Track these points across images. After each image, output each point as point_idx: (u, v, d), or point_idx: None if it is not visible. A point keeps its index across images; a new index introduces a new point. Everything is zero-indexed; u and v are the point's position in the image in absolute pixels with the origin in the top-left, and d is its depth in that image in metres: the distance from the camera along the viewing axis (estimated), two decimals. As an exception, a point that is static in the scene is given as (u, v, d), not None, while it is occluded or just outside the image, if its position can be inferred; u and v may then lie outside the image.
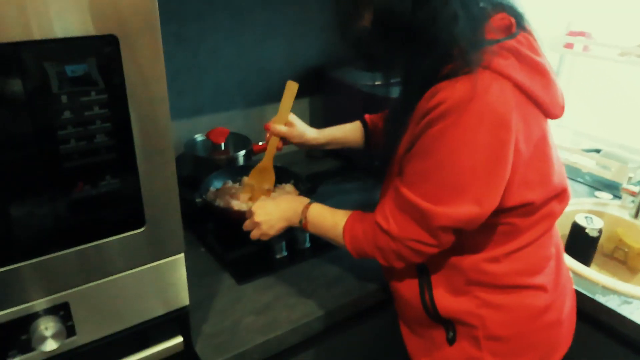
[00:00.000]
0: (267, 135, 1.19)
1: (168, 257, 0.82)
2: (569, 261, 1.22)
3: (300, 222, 1.00)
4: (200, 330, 0.97)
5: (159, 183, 0.77)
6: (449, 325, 0.93)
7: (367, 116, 1.25)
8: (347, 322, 1.10)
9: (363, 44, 0.88)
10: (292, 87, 1.18)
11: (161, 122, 0.74)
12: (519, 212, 0.86)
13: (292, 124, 1.18)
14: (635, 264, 1.39)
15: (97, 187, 0.72)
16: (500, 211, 0.83)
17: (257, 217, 1.03)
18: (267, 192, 1.27)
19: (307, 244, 1.23)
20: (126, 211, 0.76)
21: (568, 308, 0.98)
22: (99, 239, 0.75)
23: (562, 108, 0.88)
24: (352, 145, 1.25)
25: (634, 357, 1.08)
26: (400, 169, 0.87)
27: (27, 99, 0.63)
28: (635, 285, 1.13)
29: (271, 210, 1.03)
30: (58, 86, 0.64)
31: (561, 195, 0.91)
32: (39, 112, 0.64)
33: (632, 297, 1.11)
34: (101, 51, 0.66)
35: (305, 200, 1.03)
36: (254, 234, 1.05)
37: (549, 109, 0.84)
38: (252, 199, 1.27)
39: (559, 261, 0.98)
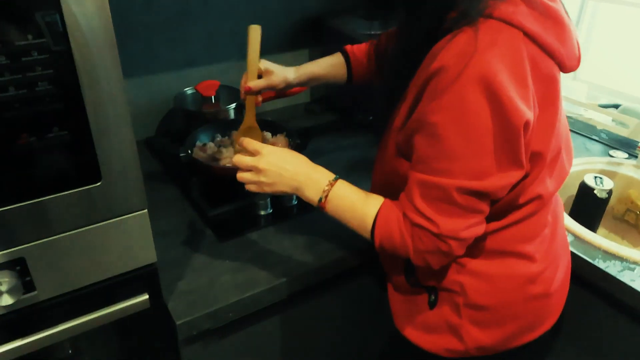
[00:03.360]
0: (242, 94, 1.08)
1: (129, 213, 0.79)
2: (571, 224, 1.15)
3: (320, 200, 0.85)
4: (175, 287, 0.96)
5: (113, 136, 0.72)
6: (431, 290, 0.89)
7: (348, 47, 1.15)
8: (328, 283, 1.07)
9: None
10: (255, 32, 1.07)
11: (111, 70, 0.69)
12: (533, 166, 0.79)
13: (270, 71, 1.08)
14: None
15: (44, 139, 0.68)
16: None
17: (263, 164, 0.86)
18: None
19: (294, 201, 1.19)
20: (80, 165, 0.72)
21: (560, 279, 0.92)
22: (53, 193, 0.72)
23: (578, 59, 0.80)
24: (334, 81, 1.15)
25: (634, 326, 1.02)
26: (401, 143, 0.80)
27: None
28: (639, 250, 1.06)
29: (284, 165, 0.86)
30: (-12, 29, 0.59)
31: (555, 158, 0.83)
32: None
33: (635, 262, 1.04)
34: (34, -10, 0.60)
35: (330, 175, 0.87)
36: (248, 181, 0.88)
37: (564, 61, 0.76)
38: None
39: (554, 228, 0.91)
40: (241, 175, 0.89)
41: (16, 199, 0.70)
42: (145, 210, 0.81)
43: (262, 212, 1.16)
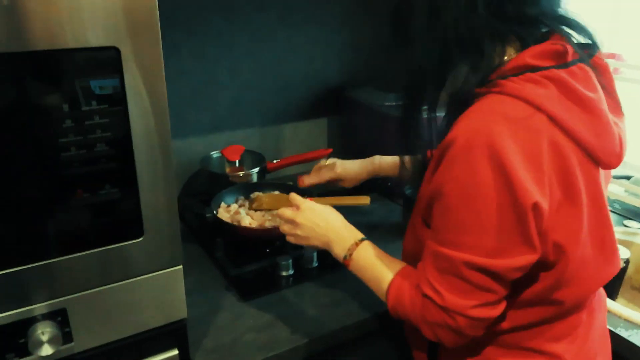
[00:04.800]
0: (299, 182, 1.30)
1: (166, 268, 0.83)
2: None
3: (345, 257, 0.90)
4: (200, 345, 0.97)
5: (158, 194, 0.78)
6: None
7: None
8: (349, 345, 1.07)
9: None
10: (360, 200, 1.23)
11: (162, 134, 0.75)
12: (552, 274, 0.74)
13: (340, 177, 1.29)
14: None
15: (96, 195, 0.73)
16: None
17: (300, 218, 0.94)
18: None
19: (315, 263, 1.22)
20: (125, 220, 0.77)
21: None
22: (99, 246, 0.76)
23: (618, 156, 0.74)
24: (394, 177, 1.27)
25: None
26: (423, 211, 0.80)
27: (30, 107, 0.65)
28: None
29: (319, 221, 0.93)
30: (61, 96, 0.66)
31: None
32: (41, 121, 0.66)
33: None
34: (103, 62, 0.68)
35: (358, 235, 0.92)
36: (287, 233, 0.97)
37: (598, 155, 0.72)
38: (259, 208, 1.29)
39: (590, 326, 0.85)
40: (282, 228, 0.98)
41: (65, 251, 0.74)
42: (181, 266, 0.85)
43: (284, 273, 1.18)
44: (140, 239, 0.79)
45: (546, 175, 0.68)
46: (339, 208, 1.12)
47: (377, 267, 0.86)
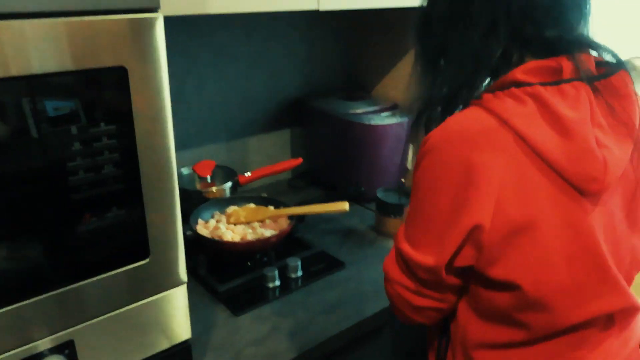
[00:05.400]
0: None
1: (171, 287, 0.81)
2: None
3: None
4: (201, 365, 0.96)
5: (162, 212, 0.77)
6: None
7: None
8: (348, 348, 1.10)
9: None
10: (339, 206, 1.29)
11: (166, 152, 0.74)
12: (512, 296, 0.71)
13: None
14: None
15: (103, 218, 0.71)
16: (487, 279, 0.72)
17: None
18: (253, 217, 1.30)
19: (299, 272, 1.23)
20: (131, 242, 0.75)
21: None
22: (106, 271, 0.74)
23: (599, 182, 0.66)
24: None
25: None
26: None
27: (38, 130, 0.63)
28: None
29: None
30: (69, 118, 0.64)
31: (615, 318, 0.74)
32: (49, 145, 0.64)
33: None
34: (110, 82, 0.66)
35: None
36: None
37: (570, 177, 0.66)
38: (237, 222, 1.29)
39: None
40: None
41: (72, 279, 0.71)
42: (185, 285, 0.84)
43: (271, 285, 1.18)
44: (147, 260, 0.77)
45: (497, 191, 0.66)
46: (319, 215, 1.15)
47: None
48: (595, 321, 0.73)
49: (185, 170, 1.49)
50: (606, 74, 0.71)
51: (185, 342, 0.87)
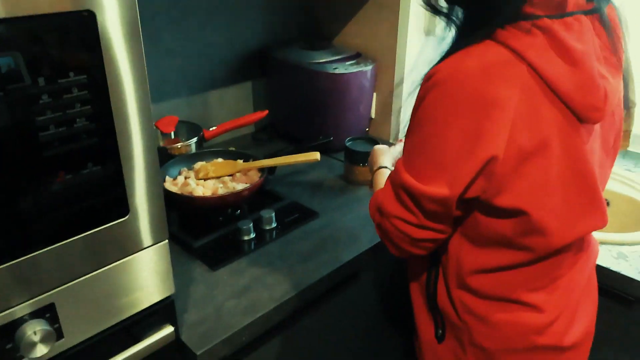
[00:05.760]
0: None
1: (153, 244, 0.79)
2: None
3: (374, 171, 1.06)
4: (184, 320, 0.95)
5: (141, 167, 0.73)
6: (439, 322, 0.91)
7: None
8: (328, 294, 1.12)
9: None
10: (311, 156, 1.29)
11: (141, 103, 0.71)
12: (516, 222, 0.75)
13: None
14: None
15: (79, 175, 0.67)
16: (491, 208, 0.75)
17: None
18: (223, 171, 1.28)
19: (274, 224, 1.22)
20: (110, 199, 0.72)
21: (578, 333, 0.87)
22: (84, 231, 0.70)
23: (600, 111, 0.72)
24: None
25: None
26: None
27: (2, 82, 0.58)
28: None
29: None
30: (35, 67, 0.59)
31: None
32: (16, 98, 0.59)
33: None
34: (77, 28, 0.61)
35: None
36: None
37: (576, 106, 0.71)
38: (207, 177, 1.27)
39: (573, 279, 0.86)
40: None
41: (50, 241, 0.68)
42: (167, 240, 0.82)
43: (246, 238, 1.18)
44: (126, 217, 0.74)
45: (511, 123, 0.69)
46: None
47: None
48: (577, 241, 0.82)
49: (147, 127, 1.43)
50: (596, 9, 0.73)
51: (169, 297, 0.86)
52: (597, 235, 1.16)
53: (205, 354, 0.89)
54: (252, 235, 1.19)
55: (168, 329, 0.85)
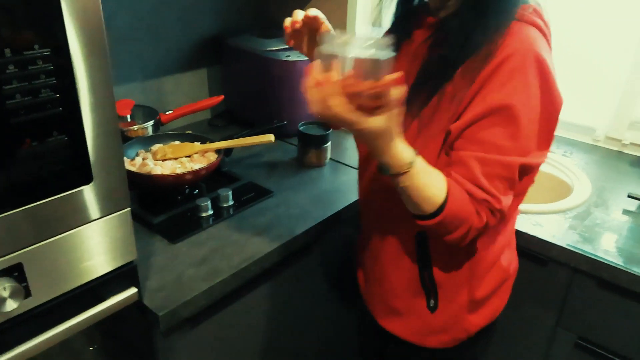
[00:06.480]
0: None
1: (116, 211, 0.85)
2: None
3: (410, 165, 0.78)
4: (146, 286, 1.00)
5: (103, 136, 0.79)
6: (431, 294, 0.98)
7: None
8: (282, 263, 1.20)
9: None
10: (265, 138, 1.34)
11: (103, 73, 0.76)
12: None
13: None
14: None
15: (44, 143, 0.72)
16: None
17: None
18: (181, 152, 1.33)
19: (231, 202, 1.29)
20: (74, 167, 0.77)
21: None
22: (49, 196, 0.75)
23: None
24: None
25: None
26: (453, 135, 0.83)
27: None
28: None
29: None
30: (1, 39, 0.64)
31: None
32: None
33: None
34: (42, 3, 0.67)
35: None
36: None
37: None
38: (164, 158, 1.32)
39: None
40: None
41: (17, 204, 0.72)
42: (129, 208, 0.87)
43: (204, 214, 1.24)
44: (90, 184, 0.80)
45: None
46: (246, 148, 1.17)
47: (433, 174, 0.82)
48: None
49: (104, 111, 1.46)
50: None
51: (131, 262, 0.91)
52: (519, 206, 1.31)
53: (166, 315, 0.95)
54: (210, 212, 1.25)
55: (131, 290, 0.91)
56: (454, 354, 1.03)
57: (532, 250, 1.26)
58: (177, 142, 1.41)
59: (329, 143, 1.51)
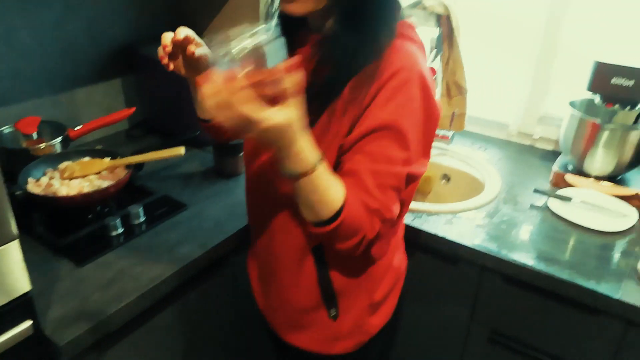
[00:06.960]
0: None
1: (2, 244, 0.82)
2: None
3: (315, 165, 0.77)
4: (47, 315, 0.98)
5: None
6: (331, 305, 1.00)
7: None
8: (193, 280, 1.20)
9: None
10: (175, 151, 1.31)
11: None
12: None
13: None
14: (424, 189, 1.71)
15: None
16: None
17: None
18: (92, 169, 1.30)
19: (142, 218, 1.27)
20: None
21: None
22: None
23: None
24: None
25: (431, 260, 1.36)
26: (345, 147, 0.86)
27: None
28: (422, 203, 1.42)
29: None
30: None
31: None
32: None
33: (420, 211, 1.39)
34: None
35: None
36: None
37: None
38: (72, 177, 1.28)
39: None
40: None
41: None
42: (16, 240, 0.85)
43: (114, 233, 1.22)
44: (-32, 221, 0.77)
45: None
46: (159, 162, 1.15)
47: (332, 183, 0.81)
48: None
49: (7, 129, 1.40)
50: None
51: (26, 294, 0.89)
52: (433, 207, 1.36)
53: (68, 345, 0.94)
54: (120, 230, 1.23)
55: (26, 324, 0.88)
56: (358, 356, 1.07)
57: (442, 251, 1.31)
58: (87, 159, 1.37)
59: (246, 152, 1.51)
